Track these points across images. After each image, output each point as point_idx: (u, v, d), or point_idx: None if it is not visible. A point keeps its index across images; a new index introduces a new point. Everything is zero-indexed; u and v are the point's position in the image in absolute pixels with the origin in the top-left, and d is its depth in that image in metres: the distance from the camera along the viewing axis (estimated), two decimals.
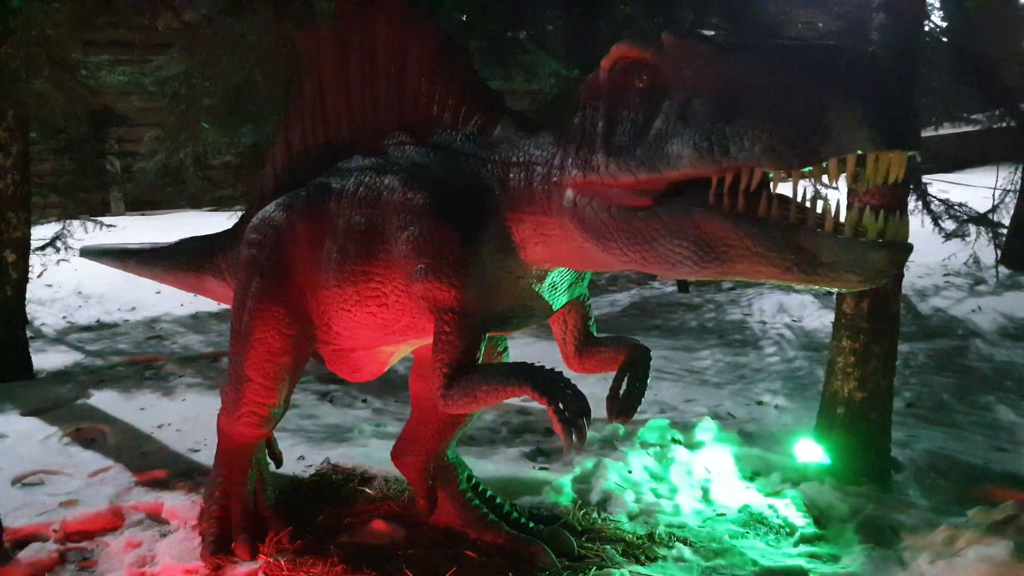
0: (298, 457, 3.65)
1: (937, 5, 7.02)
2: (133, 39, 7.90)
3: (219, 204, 7.37)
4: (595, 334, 2.59)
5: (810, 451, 3.62)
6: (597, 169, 1.87)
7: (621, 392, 2.37)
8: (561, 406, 1.99)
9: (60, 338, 5.93)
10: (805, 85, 1.50)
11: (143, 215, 11.00)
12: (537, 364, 2.13)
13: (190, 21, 4.27)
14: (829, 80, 1.48)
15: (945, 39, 6.73)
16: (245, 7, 3.94)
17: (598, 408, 2.34)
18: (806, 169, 1.55)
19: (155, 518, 3.12)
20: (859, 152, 1.48)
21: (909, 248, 1.60)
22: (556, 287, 2.37)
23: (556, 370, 2.10)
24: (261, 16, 3.79)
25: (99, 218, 7.04)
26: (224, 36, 4.54)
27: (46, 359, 5.29)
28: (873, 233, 1.55)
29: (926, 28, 5.81)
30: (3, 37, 4.42)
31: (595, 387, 3.18)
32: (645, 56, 1.78)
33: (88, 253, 4.08)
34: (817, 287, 1.67)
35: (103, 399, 4.52)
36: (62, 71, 5.51)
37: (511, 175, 2.18)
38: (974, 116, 8.33)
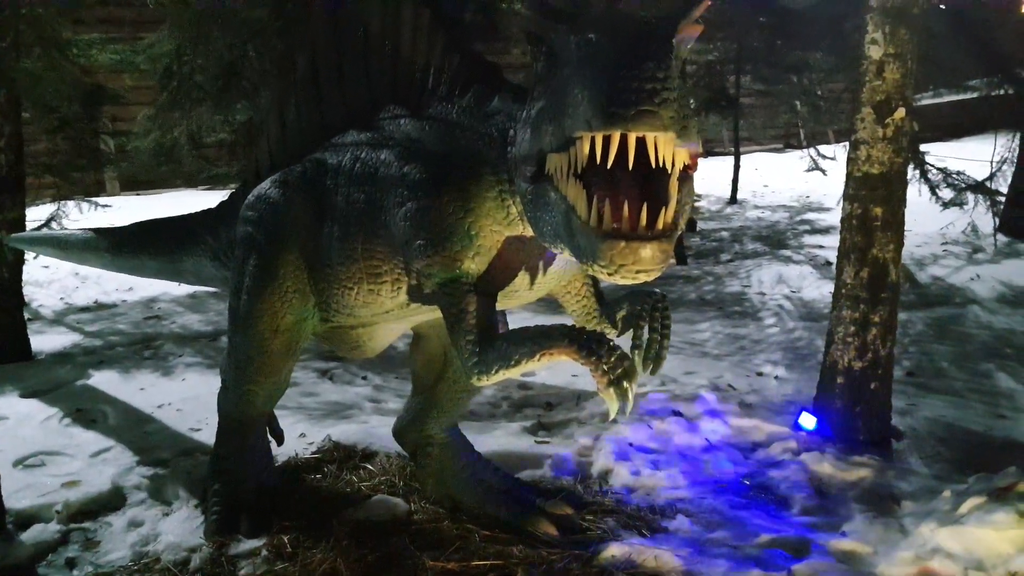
0: (299, 435, 3.66)
1: None
2: (124, 16, 7.81)
3: (214, 182, 7.32)
4: (605, 300, 2.58)
5: (810, 421, 3.64)
6: (520, 145, 2.03)
7: (643, 343, 2.35)
8: (606, 366, 1.95)
9: (58, 319, 5.92)
10: (605, 60, 1.67)
11: (138, 195, 10.92)
12: (576, 326, 2.07)
13: None
14: (579, 68, 1.71)
15: (943, 6, 6.66)
16: None
17: None
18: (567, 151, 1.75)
19: (158, 497, 3.13)
20: (581, 134, 1.68)
21: (662, 239, 1.73)
22: (556, 258, 2.35)
23: (597, 331, 2.04)
24: None
25: (94, 198, 6.97)
26: (215, 11, 4.48)
27: (45, 340, 5.27)
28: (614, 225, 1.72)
29: None
30: None
31: None
32: (531, 40, 1.97)
33: (18, 241, 4.05)
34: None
35: (103, 380, 4.52)
36: (53, 50, 5.45)
37: (508, 147, 2.15)
38: (972, 83, 8.27)
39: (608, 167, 1.69)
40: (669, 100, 1.61)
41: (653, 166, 1.67)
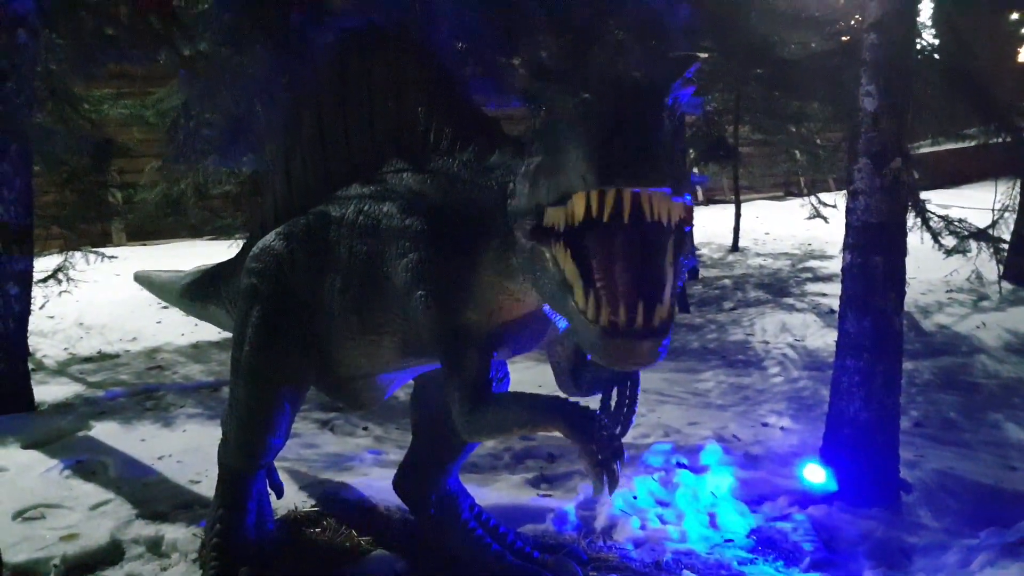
0: (299, 487, 3.62)
1: (929, 24, 7.07)
2: (135, 72, 7.97)
3: (219, 233, 7.39)
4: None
5: (817, 473, 3.59)
6: (519, 199, 2.04)
7: (610, 410, 2.34)
8: (595, 448, 1.95)
9: (61, 370, 5.91)
10: (571, 129, 1.73)
11: (144, 245, 11.02)
12: (570, 400, 2.08)
13: (190, 56, 4.31)
14: (575, 125, 1.72)
15: (938, 56, 6.77)
16: (244, 39, 3.97)
17: None
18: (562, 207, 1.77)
19: (156, 551, 3.09)
20: (575, 191, 1.70)
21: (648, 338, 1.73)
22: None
23: (591, 409, 2.05)
24: (260, 48, 3.82)
25: (101, 249, 7.04)
26: (224, 68, 4.57)
27: (47, 391, 5.26)
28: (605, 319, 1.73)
29: (918, 46, 5.85)
30: (7, 73, 4.46)
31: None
32: (532, 92, 2.05)
33: (138, 279, 4.12)
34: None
35: (104, 431, 4.49)
36: (65, 104, 5.56)
37: (507, 200, 2.18)
38: (969, 132, 8.37)
39: (604, 222, 1.70)
40: (661, 156, 1.64)
41: (649, 220, 1.69)
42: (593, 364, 2.50)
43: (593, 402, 2.94)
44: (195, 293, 3.49)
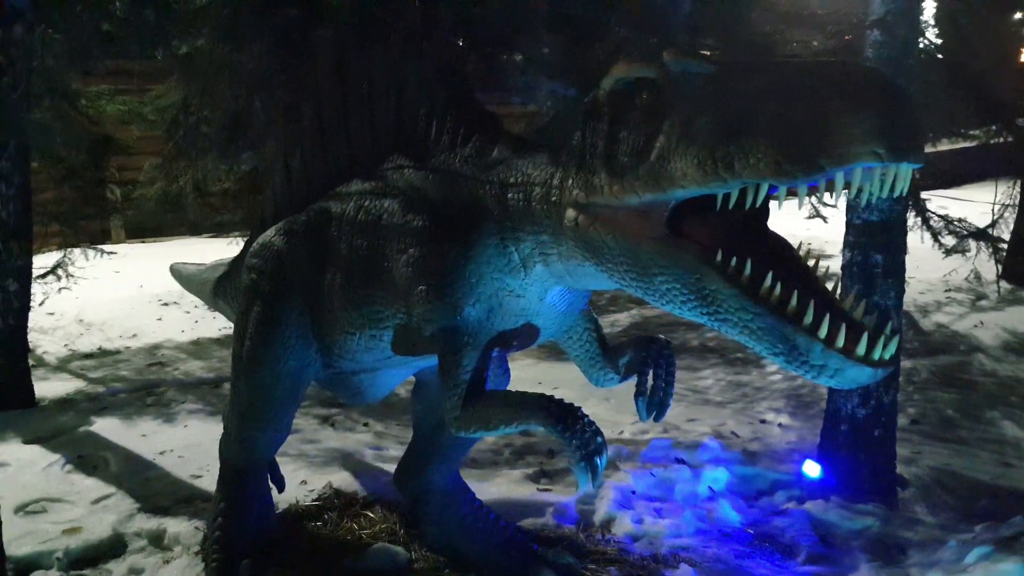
0: (300, 482, 3.63)
1: (931, 22, 7.07)
2: (133, 68, 7.98)
3: (218, 230, 7.40)
4: (608, 345, 2.58)
5: (815, 469, 3.61)
6: (600, 189, 1.86)
7: (647, 389, 2.36)
8: (577, 443, 1.97)
9: (62, 366, 5.92)
10: (809, 100, 1.48)
11: (143, 242, 11.02)
12: (555, 396, 2.09)
13: (189, 52, 4.32)
14: (832, 94, 1.46)
15: (940, 55, 6.77)
16: (243, 36, 3.98)
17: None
18: (811, 183, 1.52)
19: (158, 545, 3.10)
20: (862, 165, 1.47)
21: (891, 367, 1.62)
22: (557, 305, 2.37)
23: (574, 404, 2.07)
24: (259, 44, 3.83)
25: (100, 246, 7.05)
26: (222, 64, 4.58)
27: (48, 387, 5.27)
28: (861, 352, 1.57)
29: (920, 45, 5.85)
30: (4, 69, 4.47)
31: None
32: (647, 74, 1.77)
33: (172, 271, 4.17)
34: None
35: (105, 426, 4.51)
36: (63, 101, 5.56)
37: (509, 195, 2.19)
38: (971, 132, 8.37)
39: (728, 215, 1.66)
40: None
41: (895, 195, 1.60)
42: (616, 350, 2.51)
43: (593, 397, 2.96)
44: (209, 287, 3.55)
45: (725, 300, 1.67)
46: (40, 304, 6.06)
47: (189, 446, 4.16)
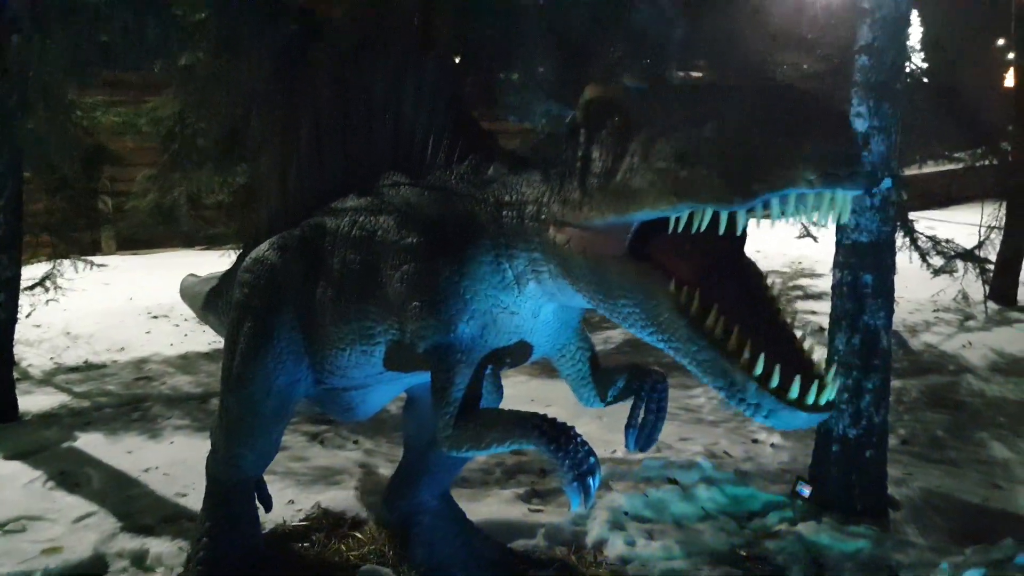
0: (287, 501, 3.59)
1: (918, 48, 7.17)
2: (129, 80, 7.97)
3: (211, 242, 7.35)
4: (600, 365, 2.57)
5: (807, 490, 3.60)
6: (575, 208, 1.89)
7: (638, 421, 2.34)
8: (570, 462, 1.96)
9: (47, 379, 5.85)
10: (749, 124, 1.50)
11: (135, 254, 10.96)
12: (548, 415, 2.08)
13: (186, 64, 4.30)
14: (770, 119, 1.48)
15: (927, 80, 6.85)
16: (240, 48, 3.97)
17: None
18: (750, 208, 1.53)
19: (140, 566, 3.05)
20: (794, 191, 1.48)
21: (827, 412, 1.60)
22: (550, 322, 2.36)
23: (568, 424, 2.06)
24: (257, 58, 3.82)
25: (90, 257, 6.99)
26: (221, 77, 4.57)
27: (32, 401, 5.21)
28: (793, 396, 1.56)
29: (907, 70, 5.91)
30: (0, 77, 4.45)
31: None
32: (613, 98, 1.82)
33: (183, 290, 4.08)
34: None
35: (89, 442, 4.45)
36: (57, 111, 5.53)
37: (504, 213, 2.19)
38: (957, 155, 8.46)
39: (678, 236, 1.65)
40: None
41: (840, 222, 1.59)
42: (609, 372, 2.50)
43: (586, 416, 2.94)
44: (201, 301, 3.53)
45: (676, 330, 1.69)
46: (27, 316, 5.99)
47: (175, 463, 4.11)
